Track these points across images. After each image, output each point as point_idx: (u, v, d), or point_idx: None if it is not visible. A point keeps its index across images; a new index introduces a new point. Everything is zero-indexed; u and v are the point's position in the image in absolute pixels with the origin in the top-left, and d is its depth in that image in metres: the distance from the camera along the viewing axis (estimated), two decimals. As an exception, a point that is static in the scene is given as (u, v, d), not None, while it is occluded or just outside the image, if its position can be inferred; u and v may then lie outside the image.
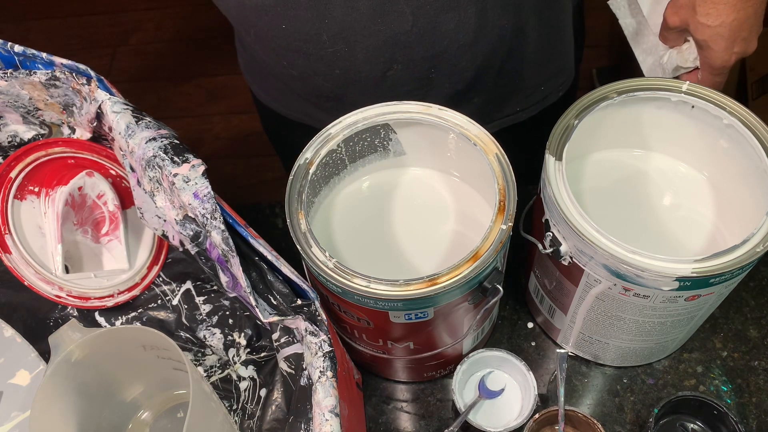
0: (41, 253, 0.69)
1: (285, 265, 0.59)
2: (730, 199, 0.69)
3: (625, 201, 0.72)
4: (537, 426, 0.70)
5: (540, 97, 0.82)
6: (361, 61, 0.69)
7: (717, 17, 0.58)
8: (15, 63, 0.61)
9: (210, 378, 0.74)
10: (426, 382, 0.79)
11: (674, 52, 0.67)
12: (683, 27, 0.62)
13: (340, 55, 0.69)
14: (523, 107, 0.82)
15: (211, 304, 0.74)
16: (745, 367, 0.77)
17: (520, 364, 0.72)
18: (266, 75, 0.83)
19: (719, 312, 0.80)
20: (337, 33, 0.67)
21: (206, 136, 2.08)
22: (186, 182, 0.55)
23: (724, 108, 0.64)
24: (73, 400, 0.63)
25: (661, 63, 0.68)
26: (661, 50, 0.68)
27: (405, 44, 0.68)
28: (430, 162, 0.74)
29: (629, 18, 0.71)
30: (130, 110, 0.59)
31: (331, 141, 0.66)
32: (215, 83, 2.17)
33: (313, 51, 0.69)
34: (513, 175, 0.62)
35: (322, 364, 0.57)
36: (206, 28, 2.26)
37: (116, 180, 0.70)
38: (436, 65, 0.71)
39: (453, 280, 0.57)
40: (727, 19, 0.58)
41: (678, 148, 0.72)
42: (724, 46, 0.60)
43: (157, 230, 0.62)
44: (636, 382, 0.77)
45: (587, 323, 0.70)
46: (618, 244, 0.58)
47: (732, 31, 0.59)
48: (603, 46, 1.95)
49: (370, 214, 0.72)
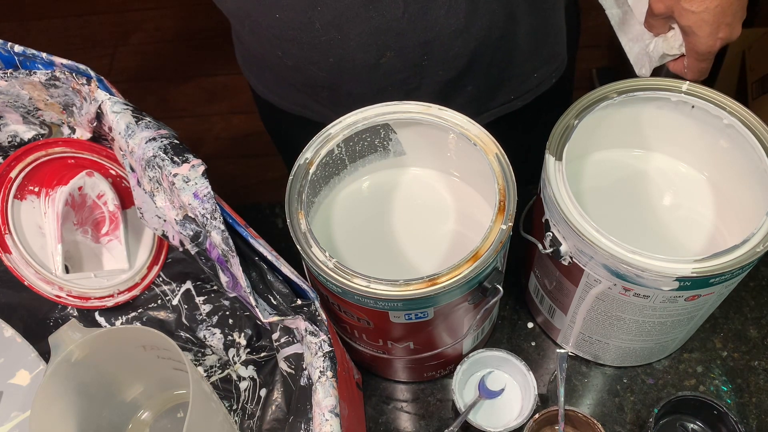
0: (41, 253, 0.69)
1: (285, 265, 0.59)
2: (730, 199, 0.69)
3: (625, 201, 0.72)
4: (537, 426, 0.70)
5: (533, 84, 0.83)
6: (354, 49, 0.70)
7: (701, 3, 0.59)
8: (15, 63, 0.61)
9: (210, 378, 0.74)
10: (426, 382, 0.79)
11: (660, 40, 0.67)
12: (668, 14, 0.62)
13: (333, 43, 0.69)
14: (516, 95, 0.82)
15: (211, 304, 0.74)
16: (745, 367, 0.77)
17: (520, 364, 0.72)
18: (263, 68, 0.84)
19: (719, 312, 0.80)
20: (329, 21, 0.67)
21: (206, 136, 2.08)
22: (186, 182, 0.55)
23: (724, 108, 0.64)
24: (73, 400, 0.63)
25: (647, 51, 0.69)
26: (647, 38, 0.69)
27: (397, 31, 0.68)
28: (430, 162, 0.74)
29: (615, 8, 0.71)
30: (130, 110, 0.59)
31: (331, 141, 0.66)
32: (215, 83, 2.17)
33: (307, 40, 0.70)
34: (513, 175, 0.62)
35: (322, 364, 0.57)
36: (206, 28, 2.26)
37: (116, 180, 0.70)
38: (428, 52, 0.71)
39: (453, 280, 0.57)
40: (711, 4, 0.59)
41: (678, 148, 0.72)
42: (708, 31, 0.60)
43: (157, 230, 0.62)
44: (636, 382, 0.77)
45: (587, 323, 0.70)
46: (618, 244, 0.58)
47: (716, 17, 0.60)
48: (603, 46, 1.95)
49: (370, 214, 0.72)
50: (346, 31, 0.68)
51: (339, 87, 0.76)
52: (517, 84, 0.82)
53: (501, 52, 0.76)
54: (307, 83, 0.78)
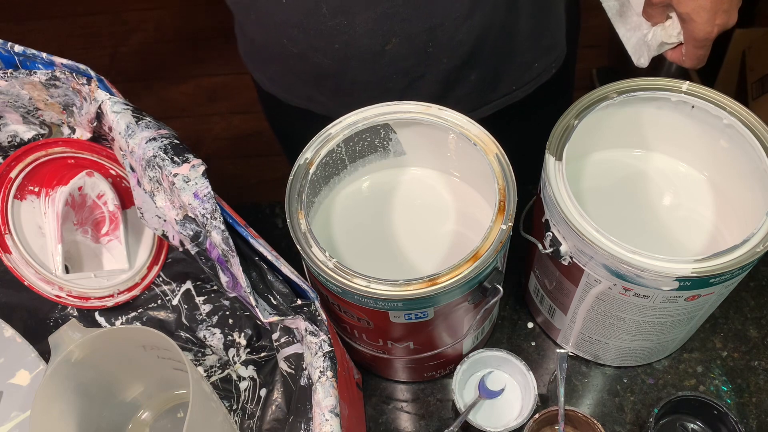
0: (41, 253, 0.69)
1: (285, 265, 0.59)
2: (730, 199, 0.69)
3: (625, 201, 0.72)
4: (537, 426, 0.70)
5: (534, 74, 0.84)
6: (360, 35, 0.70)
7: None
8: (15, 63, 0.61)
9: (210, 378, 0.74)
10: (426, 382, 0.79)
11: (658, 29, 0.67)
12: (666, 2, 0.63)
13: (339, 29, 0.70)
14: (518, 85, 0.83)
15: (211, 304, 0.74)
16: (745, 367, 0.77)
17: (520, 364, 0.72)
18: (267, 60, 0.84)
19: (719, 312, 0.80)
20: (337, 6, 0.68)
21: (206, 136, 2.08)
22: (186, 182, 0.55)
23: (724, 108, 0.64)
24: (73, 400, 0.63)
25: (645, 41, 0.69)
26: (645, 28, 0.69)
27: (402, 16, 0.69)
28: (430, 162, 0.74)
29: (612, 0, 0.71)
30: (130, 110, 0.59)
31: (331, 141, 0.66)
32: (215, 83, 2.17)
33: (313, 25, 0.70)
34: (513, 175, 0.62)
35: (322, 364, 0.57)
36: (206, 28, 2.26)
37: (116, 180, 0.70)
38: (433, 38, 0.72)
39: (453, 280, 0.57)
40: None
41: (678, 148, 0.72)
42: (706, 18, 0.61)
43: (157, 230, 0.62)
44: (636, 382, 0.77)
45: (587, 323, 0.70)
46: (618, 244, 0.58)
47: (714, 3, 0.61)
48: (603, 46, 1.95)
49: (370, 214, 0.72)
50: (353, 15, 0.69)
51: (344, 75, 0.76)
52: (518, 74, 0.83)
53: (503, 40, 0.77)
54: (312, 72, 0.78)
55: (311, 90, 0.82)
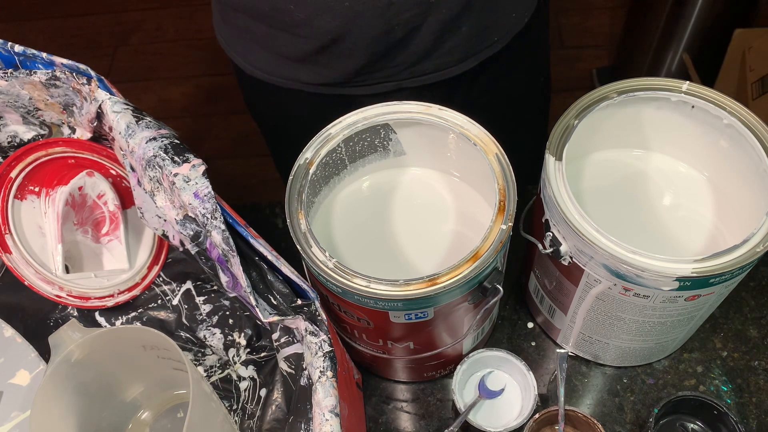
0: (41, 253, 0.69)
1: (285, 265, 0.59)
2: (730, 199, 0.69)
3: (625, 201, 0.72)
4: (537, 426, 0.70)
5: (511, 24, 0.86)
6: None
7: None
8: (15, 63, 0.61)
9: (210, 378, 0.74)
10: (426, 382, 0.79)
11: None
12: None
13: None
14: (499, 36, 0.85)
15: (211, 304, 0.74)
16: (745, 367, 0.77)
17: (520, 364, 0.72)
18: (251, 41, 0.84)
19: (719, 312, 0.80)
20: None
21: (206, 136, 2.08)
22: (186, 182, 0.55)
23: (724, 108, 0.64)
24: (73, 400, 0.63)
25: None
26: None
27: None
28: (430, 162, 0.74)
29: None
30: (130, 110, 0.59)
31: (331, 141, 0.66)
32: (215, 83, 2.17)
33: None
34: (513, 175, 0.62)
35: (322, 364, 0.57)
36: (206, 28, 2.26)
37: (116, 180, 0.70)
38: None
39: (453, 280, 0.57)
40: None
41: (678, 148, 0.72)
42: None
43: (157, 230, 0.62)
44: (636, 382, 0.77)
45: (587, 323, 0.70)
46: (618, 244, 0.58)
47: None
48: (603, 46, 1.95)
49: (370, 214, 0.72)
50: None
51: (347, 35, 0.76)
52: (501, 24, 0.84)
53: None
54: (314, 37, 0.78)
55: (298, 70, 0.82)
